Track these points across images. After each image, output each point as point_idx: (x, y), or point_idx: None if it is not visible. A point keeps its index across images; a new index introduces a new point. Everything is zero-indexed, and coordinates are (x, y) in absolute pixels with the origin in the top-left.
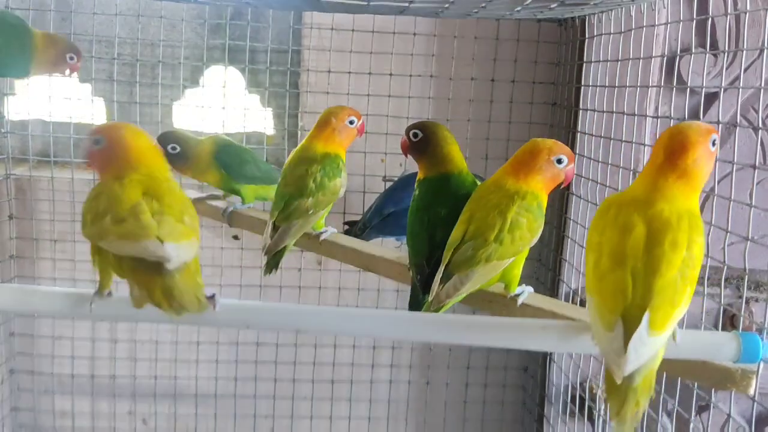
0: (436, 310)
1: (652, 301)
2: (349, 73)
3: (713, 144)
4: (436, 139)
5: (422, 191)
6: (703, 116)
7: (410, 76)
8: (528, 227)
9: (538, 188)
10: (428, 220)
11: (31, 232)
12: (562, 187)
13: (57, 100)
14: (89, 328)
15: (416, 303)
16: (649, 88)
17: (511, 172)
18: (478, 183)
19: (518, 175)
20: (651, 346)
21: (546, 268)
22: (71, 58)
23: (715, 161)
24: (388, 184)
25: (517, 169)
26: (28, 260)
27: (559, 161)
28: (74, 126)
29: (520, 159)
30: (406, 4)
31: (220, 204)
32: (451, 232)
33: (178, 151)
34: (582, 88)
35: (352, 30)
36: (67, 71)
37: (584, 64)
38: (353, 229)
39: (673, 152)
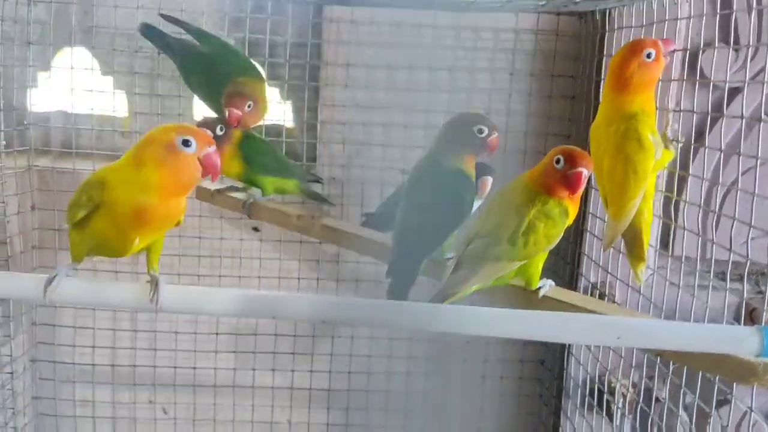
0: (442, 301)
1: None
2: (368, 66)
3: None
4: None
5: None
6: (726, 110)
7: (429, 68)
8: (545, 233)
9: (562, 194)
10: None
11: (53, 223)
12: (572, 193)
13: (79, 92)
14: (111, 318)
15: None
16: (671, 83)
17: (532, 176)
18: (467, 177)
19: (539, 178)
20: None
21: (564, 261)
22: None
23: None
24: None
25: (536, 172)
26: (50, 251)
27: (557, 162)
28: (96, 118)
29: (542, 161)
30: None
31: (240, 196)
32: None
33: (223, 134)
34: (602, 82)
35: (371, 23)
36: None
37: (604, 58)
38: (371, 220)
39: None
